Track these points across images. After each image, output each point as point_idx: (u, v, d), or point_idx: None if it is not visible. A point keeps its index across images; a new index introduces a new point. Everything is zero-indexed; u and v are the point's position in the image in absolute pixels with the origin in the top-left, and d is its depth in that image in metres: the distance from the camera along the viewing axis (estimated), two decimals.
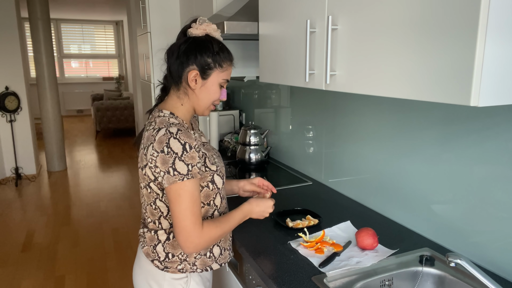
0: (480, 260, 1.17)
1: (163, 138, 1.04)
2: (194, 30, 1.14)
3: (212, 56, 1.13)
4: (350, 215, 1.55)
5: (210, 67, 1.13)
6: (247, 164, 2.20)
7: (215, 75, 1.15)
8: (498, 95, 0.76)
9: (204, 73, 1.13)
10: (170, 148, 1.03)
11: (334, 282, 1.08)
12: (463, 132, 1.18)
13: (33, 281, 2.73)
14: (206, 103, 1.18)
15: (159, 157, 1.04)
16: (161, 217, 1.15)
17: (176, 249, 1.16)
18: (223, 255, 1.24)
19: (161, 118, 1.13)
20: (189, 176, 1.04)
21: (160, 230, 1.16)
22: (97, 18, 9.69)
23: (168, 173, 1.04)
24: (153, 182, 1.10)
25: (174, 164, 1.03)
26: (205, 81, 1.14)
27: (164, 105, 1.19)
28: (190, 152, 1.04)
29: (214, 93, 1.17)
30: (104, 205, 4.14)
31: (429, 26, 0.80)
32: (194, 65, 1.12)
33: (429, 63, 0.82)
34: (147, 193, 1.14)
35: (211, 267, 1.20)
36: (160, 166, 1.04)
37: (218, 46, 1.15)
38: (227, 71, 1.17)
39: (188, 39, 1.14)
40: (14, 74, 4.78)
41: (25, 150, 5.02)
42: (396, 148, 1.46)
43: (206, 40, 1.14)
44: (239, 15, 1.74)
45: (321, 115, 1.92)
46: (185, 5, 2.86)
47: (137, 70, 5.52)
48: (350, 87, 1.07)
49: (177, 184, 1.04)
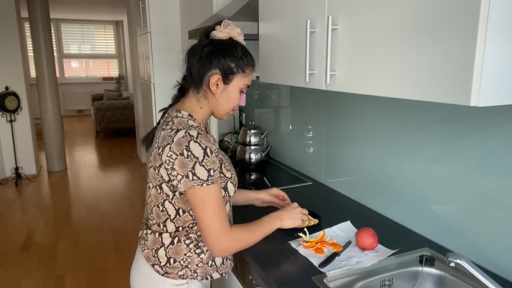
0: (480, 260, 1.17)
1: (182, 141, 1.02)
2: (218, 32, 1.10)
3: (236, 61, 1.10)
4: (350, 215, 1.55)
5: (233, 72, 1.10)
6: (247, 164, 2.20)
7: (237, 80, 1.12)
8: (498, 95, 0.76)
9: (226, 78, 1.10)
10: (190, 152, 1.00)
11: (334, 282, 1.08)
12: (464, 132, 1.18)
13: (33, 281, 2.73)
14: (226, 108, 1.15)
15: (178, 159, 1.01)
16: (167, 219, 1.12)
17: (178, 255, 1.13)
18: (224, 265, 1.20)
19: (179, 119, 1.09)
20: (210, 181, 1.02)
21: (165, 233, 1.13)
22: (97, 18, 9.69)
23: (187, 177, 1.01)
24: (165, 183, 1.07)
25: (194, 168, 1.00)
26: (226, 85, 1.11)
27: (182, 105, 1.15)
28: (211, 156, 1.02)
29: (234, 99, 1.14)
30: (104, 205, 4.14)
31: (429, 26, 0.81)
32: (217, 69, 1.09)
33: (429, 63, 0.82)
34: (156, 194, 1.11)
35: (211, 276, 1.17)
36: (178, 169, 1.02)
37: (241, 50, 1.12)
38: (249, 76, 1.14)
39: (212, 42, 1.10)
40: (14, 74, 4.78)
41: (25, 150, 5.02)
42: (396, 148, 1.46)
43: (230, 44, 1.10)
44: (239, 15, 1.74)
45: (321, 115, 1.92)
46: (185, 5, 2.86)
47: (137, 70, 5.52)
48: (350, 87, 1.07)
49: (199, 189, 1.01)
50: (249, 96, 2.74)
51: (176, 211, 1.11)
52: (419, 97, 0.85)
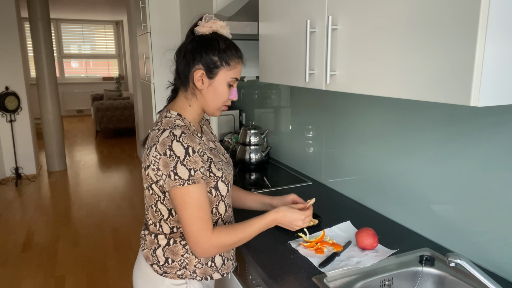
0: (480, 260, 1.17)
1: (166, 140, 1.02)
2: (200, 28, 1.11)
3: (218, 54, 1.09)
4: (350, 215, 1.55)
5: (216, 65, 1.09)
6: (247, 164, 2.20)
7: (222, 73, 1.11)
8: (498, 95, 0.76)
9: (210, 72, 1.10)
10: (172, 151, 1.01)
11: (334, 282, 1.08)
12: (464, 132, 1.18)
13: (33, 281, 2.73)
14: (215, 103, 1.14)
15: (162, 159, 1.02)
16: (161, 220, 1.13)
17: (176, 255, 1.13)
18: (225, 265, 1.19)
19: (167, 119, 1.10)
20: (191, 181, 1.02)
21: (160, 234, 1.14)
22: (97, 18, 9.69)
23: (169, 177, 1.02)
24: (155, 184, 1.08)
25: (175, 168, 1.01)
26: (212, 80, 1.11)
27: (173, 106, 1.16)
28: (193, 156, 1.02)
29: (222, 93, 1.12)
30: (104, 205, 4.13)
31: (429, 26, 0.80)
32: (200, 64, 1.09)
33: (429, 63, 0.82)
34: (149, 195, 1.12)
35: (211, 276, 1.17)
36: (162, 169, 1.02)
37: (224, 43, 1.10)
38: (235, 69, 1.12)
39: (194, 38, 1.11)
40: (14, 74, 4.78)
41: (25, 150, 5.02)
42: (396, 148, 1.45)
43: (212, 38, 1.10)
44: (239, 15, 1.74)
45: (321, 115, 1.92)
46: (185, 5, 2.86)
47: (137, 70, 5.52)
48: (350, 87, 1.07)
49: (180, 189, 1.02)
50: (249, 96, 2.74)
51: (169, 211, 1.11)
52: (419, 97, 0.85)
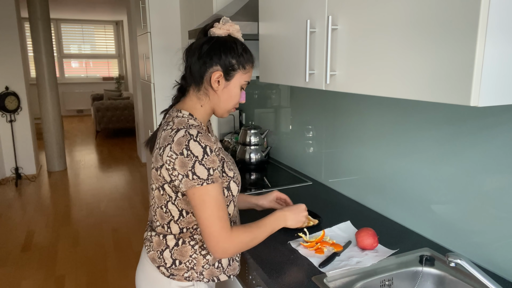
0: (480, 260, 1.17)
1: (182, 140, 1.01)
2: (217, 30, 1.11)
3: (237, 57, 1.10)
4: (350, 215, 1.55)
5: (234, 68, 1.10)
6: (247, 164, 2.20)
7: (238, 76, 1.12)
8: (498, 95, 0.76)
9: (228, 75, 1.10)
10: (190, 151, 1.00)
11: (334, 282, 1.08)
12: (464, 132, 1.18)
13: (33, 281, 2.73)
14: (227, 105, 1.15)
15: (178, 159, 1.01)
16: (171, 221, 1.11)
17: (184, 256, 1.12)
18: (231, 266, 1.19)
19: (179, 119, 1.09)
20: (210, 180, 1.01)
21: (169, 235, 1.13)
22: (97, 18, 9.69)
23: (187, 177, 1.00)
24: (167, 184, 1.07)
25: (193, 167, 1.00)
26: (228, 82, 1.11)
27: (183, 105, 1.15)
28: (211, 155, 1.01)
29: (235, 95, 1.14)
30: (104, 205, 4.14)
31: (429, 26, 0.81)
32: (218, 65, 1.09)
33: (429, 63, 0.82)
34: (159, 195, 1.11)
35: (218, 278, 1.16)
36: (178, 168, 1.01)
37: (241, 47, 1.12)
38: (249, 72, 1.15)
39: (211, 39, 1.10)
40: (14, 74, 4.79)
41: (25, 150, 5.02)
42: (396, 148, 1.45)
43: (230, 41, 1.10)
44: (239, 15, 1.74)
45: (321, 115, 1.92)
46: (185, 5, 2.86)
47: (137, 70, 5.52)
48: (350, 87, 1.07)
49: (199, 189, 1.01)
50: (249, 96, 2.74)
51: (180, 212, 1.10)
52: (419, 97, 0.85)
